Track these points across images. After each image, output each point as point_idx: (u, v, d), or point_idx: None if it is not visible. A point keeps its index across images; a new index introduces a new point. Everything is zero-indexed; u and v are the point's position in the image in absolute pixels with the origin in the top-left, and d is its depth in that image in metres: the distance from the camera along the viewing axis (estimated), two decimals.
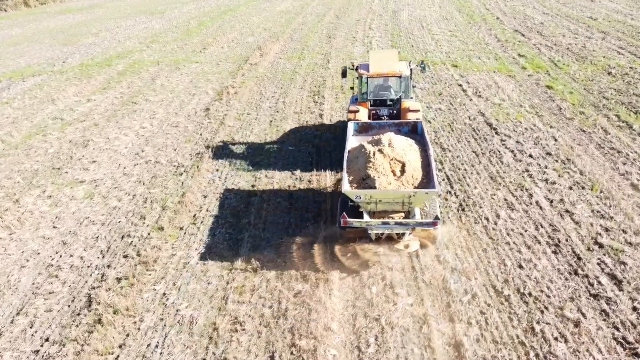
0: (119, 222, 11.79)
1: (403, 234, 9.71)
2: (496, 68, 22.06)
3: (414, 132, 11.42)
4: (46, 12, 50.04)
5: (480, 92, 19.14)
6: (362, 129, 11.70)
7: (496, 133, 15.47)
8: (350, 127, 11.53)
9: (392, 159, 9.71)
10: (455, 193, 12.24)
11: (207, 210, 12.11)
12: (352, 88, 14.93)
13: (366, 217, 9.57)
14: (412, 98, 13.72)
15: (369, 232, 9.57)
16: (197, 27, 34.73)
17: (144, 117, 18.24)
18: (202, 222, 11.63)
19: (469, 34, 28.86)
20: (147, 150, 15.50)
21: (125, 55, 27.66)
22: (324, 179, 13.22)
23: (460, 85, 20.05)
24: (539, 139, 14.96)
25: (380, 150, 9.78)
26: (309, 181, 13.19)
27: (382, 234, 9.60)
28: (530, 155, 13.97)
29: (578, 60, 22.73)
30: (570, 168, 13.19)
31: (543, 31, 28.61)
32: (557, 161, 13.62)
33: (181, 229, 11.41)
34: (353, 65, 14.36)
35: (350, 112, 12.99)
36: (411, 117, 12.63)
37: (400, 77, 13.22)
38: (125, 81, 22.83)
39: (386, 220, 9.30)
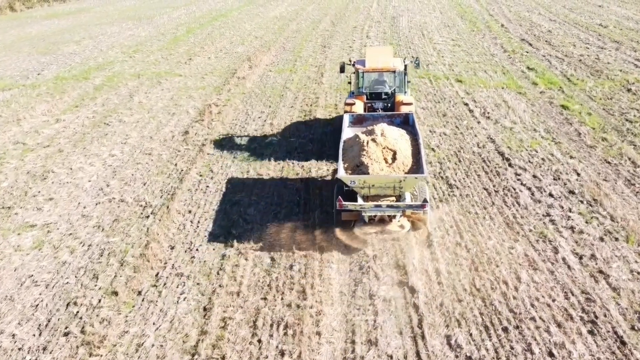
0: (67, 283, 9.90)
1: (394, 216, 10.29)
2: (504, 84, 20.22)
3: (406, 123, 12.14)
4: (32, 16, 48.08)
5: (488, 112, 17.30)
6: (357, 121, 12.40)
7: (509, 165, 13.62)
8: (346, 119, 12.27)
9: (384, 148, 10.40)
10: (466, 246, 10.37)
11: (172, 267, 10.23)
12: (349, 83, 15.35)
13: (360, 201, 10.18)
14: (406, 92, 14.35)
15: (362, 214, 10.20)
16: (184, 35, 32.85)
17: (115, 142, 16.34)
18: (165, 284, 9.75)
19: (473, 44, 27.04)
20: (113, 185, 13.61)
21: (105, 67, 25.76)
22: (311, 232, 11.33)
23: (466, 104, 18.20)
24: (558, 172, 13.11)
25: (373, 140, 10.46)
26: (295, 229, 11.30)
27: (375, 216, 10.22)
28: (551, 194, 12.12)
29: (593, 74, 20.92)
30: (599, 212, 11.34)
31: (552, 40, 26.80)
32: (582, 202, 11.77)
33: (139, 293, 9.52)
34: (350, 61, 14.79)
35: (346, 104, 13.59)
36: (405, 110, 13.18)
37: (394, 72, 13.95)
38: (101, 97, 20.93)
39: (378, 203, 9.98)
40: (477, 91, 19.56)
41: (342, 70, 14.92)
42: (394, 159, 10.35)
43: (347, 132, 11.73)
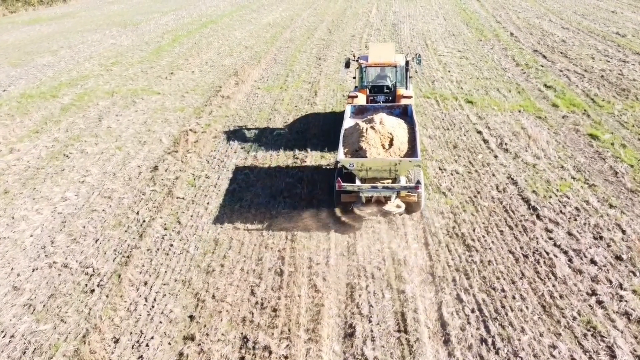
0: None
1: (390, 198, 10.86)
2: (521, 106, 17.90)
3: (405, 114, 12.71)
4: (14, 22, 45.68)
5: (506, 143, 14.96)
6: (359, 112, 13.06)
7: (538, 217, 11.28)
8: (348, 109, 12.91)
9: (382, 135, 10.97)
10: (494, 343, 8.02)
11: None
12: (354, 78, 15.93)
13: (358, 182, 10.81)
14: (407, 87, 14.77)
15: (360, 195, 10.82)
16: (169, 44, 30.49)
17: (71, 181, 13.99)
18: None
19: (482, 56, 24.71)
20: (58, 242, 11.25)
21: (78, 82, 23.38)
22: (296, 307, 9.00)
23: (480, 132, 15.86)
24: (598, 228, 10.78)
25: (372, 127, 11.04)
26: (276, 310, 8.96)
27: (372, 197, 10.87)
28: (593, 261, 9.79)
29: (619, 94, 18.60)
30: None
31: (567, 52, 24.48)
32: (634, 273, 9.44)
33: None
34: (354, 57, 15.13)
35: (349, 97, 14.20)
36: (405, 103, 13.55)
37: (395, 67, 14.44)
38: (66, 121, 18.57)
39: (375, 184, 10.69)
40: (491, 115, 17.22)
41: (347, 65, 15.38)
42: (390, 144, 10.91)
43: (349, 122, 12.28)
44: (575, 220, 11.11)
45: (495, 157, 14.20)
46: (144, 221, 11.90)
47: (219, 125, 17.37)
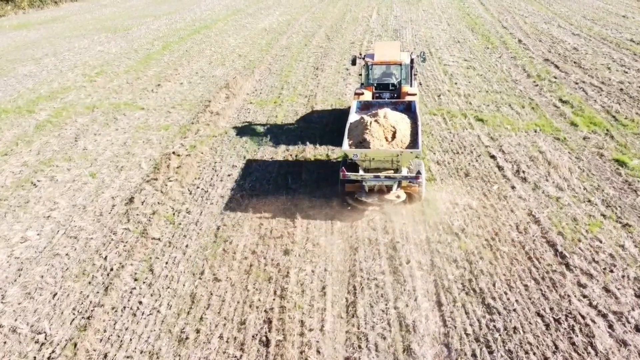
0: None
1: (392, 187, 11.44)
2: (537, 125, 16.31)
3: (408, 109, 12.98)
4: (1, 26, 44.16)
5: (523, 171, 13.39)
6: (364, 107, 13.34)
7: (567, 267, 9.70)
8: (354, 105, 13.24)
9: (385, 128, 11.37)
10: None
11: None
12: (360, 75, 16.22)
13: (361, 172, 11.26)
14: (412, 85, 15.26)
15: (363, 184, 11.44)
16: (159, 52, 28.90)
17: (35, 216, 12.41)
18: None
19: (490, 65, 23.14)
20: (10, 297, 9.67)
21: (57, 95, 21.80)
22: None
23: (493, 156, 14.28)
24: (639, 282, 9.21)
25: (376, 121, 11.43)
26: None
27: (374, 186, 11.47)
28: (638, 329, 8.22)
29: None
30: None
31: (581, 61, 22.90)
32: None
33: None
34: (360, 55, 15.66)
35: (355, 94, 14.58)
36: (409, 99, 13.72)
37: (400, 64, 14.86)
38: (39, 141, 16.99)
39: (377, 174, 11.19)
40: (504, 136, 15.64)
41: (353, 63, 15.74)
42: (393, 137, 11.31)
43: (354, 116, 12.63)
44: (612, 271, 9.53)
45: (513, 187, 12.62)
46: (112, 269, 10.31)
47: (205, 147, 15.79)
